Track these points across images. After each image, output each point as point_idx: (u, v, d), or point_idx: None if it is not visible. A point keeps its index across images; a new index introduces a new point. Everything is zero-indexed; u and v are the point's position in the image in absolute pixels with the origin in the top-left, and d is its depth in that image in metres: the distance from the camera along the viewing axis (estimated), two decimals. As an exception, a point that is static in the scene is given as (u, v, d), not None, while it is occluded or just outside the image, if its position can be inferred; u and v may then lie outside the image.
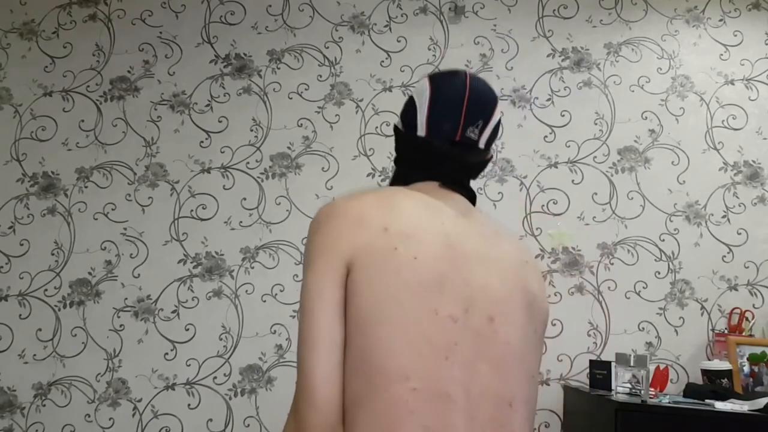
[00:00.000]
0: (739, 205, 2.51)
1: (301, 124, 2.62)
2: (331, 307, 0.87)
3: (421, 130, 1.05)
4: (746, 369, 2.25)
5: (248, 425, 2.38)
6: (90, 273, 2.53)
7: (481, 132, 1.05)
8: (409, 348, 0.84)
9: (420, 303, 0.86)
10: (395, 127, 1.12)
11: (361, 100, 2.63)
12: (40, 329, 2.49)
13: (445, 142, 1.04)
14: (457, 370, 0.86)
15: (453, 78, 1.06)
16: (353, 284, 0.87)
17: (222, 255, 2.52)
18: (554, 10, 2.69)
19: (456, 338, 0.87)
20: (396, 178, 1.12)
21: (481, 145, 1.06)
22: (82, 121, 2.66)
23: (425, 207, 0.98)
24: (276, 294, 2.48)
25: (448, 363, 0.86)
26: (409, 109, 1.08)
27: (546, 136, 2.58)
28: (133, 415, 2.41)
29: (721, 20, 2.67)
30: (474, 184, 1.82)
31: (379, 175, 2.56)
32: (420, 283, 0.87)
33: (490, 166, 2.51)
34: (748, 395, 2.13)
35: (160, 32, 2.73)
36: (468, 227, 1.00)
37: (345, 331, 0.87)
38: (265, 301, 2.48)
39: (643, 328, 2.43)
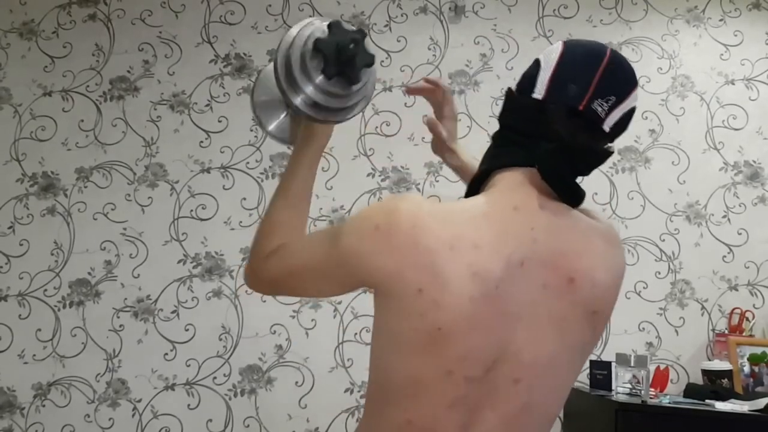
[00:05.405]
0: (740, 205, 2.51)
1: (301, 124, 2.61)
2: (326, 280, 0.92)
3: (539, 92, 0.87)
4: (746, 369, 2.25)
5: (248, 425, 2.37)
6: (89, 273, 2.53)
7: (610, 110, 0.86)
8: (412, 397, 0.83)
9: (435, 366, 0.81)
10: (508, 92, 0.94)
11: (361, 100, 2.62)
12: (39, 329, 2.49)
13: (564, 108, 0.85)
14: (458, 414, 0.83)
15: (592, 44, 0.91)
16: (378, 311, 0.85)
17: (222, 255, 2.52)
18: (554, 9, 2.69)
19: (465, 392, 0.82)
20: (485, 159, 0.94)
21: (606, 127, 0.87)
22: (82, 121, 2.65)
23: (490, 240, 0.82)
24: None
25: (449, 411, 0.83)
26: (531, 71, 0.91)
27: (546, 136, 2.58)
28: (133, 415, 2.41)
29: (721, 20, 2.67)
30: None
31: (379, 175, 2.56)
32: (439, 354, 0.81)
33: None
34: (748, 395, 2.13)
35: (160, 32, 2.72)
36: (533, 271, 0.84)
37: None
38: (264, 302, 2.47)
39: (644, 329, 2.43)
